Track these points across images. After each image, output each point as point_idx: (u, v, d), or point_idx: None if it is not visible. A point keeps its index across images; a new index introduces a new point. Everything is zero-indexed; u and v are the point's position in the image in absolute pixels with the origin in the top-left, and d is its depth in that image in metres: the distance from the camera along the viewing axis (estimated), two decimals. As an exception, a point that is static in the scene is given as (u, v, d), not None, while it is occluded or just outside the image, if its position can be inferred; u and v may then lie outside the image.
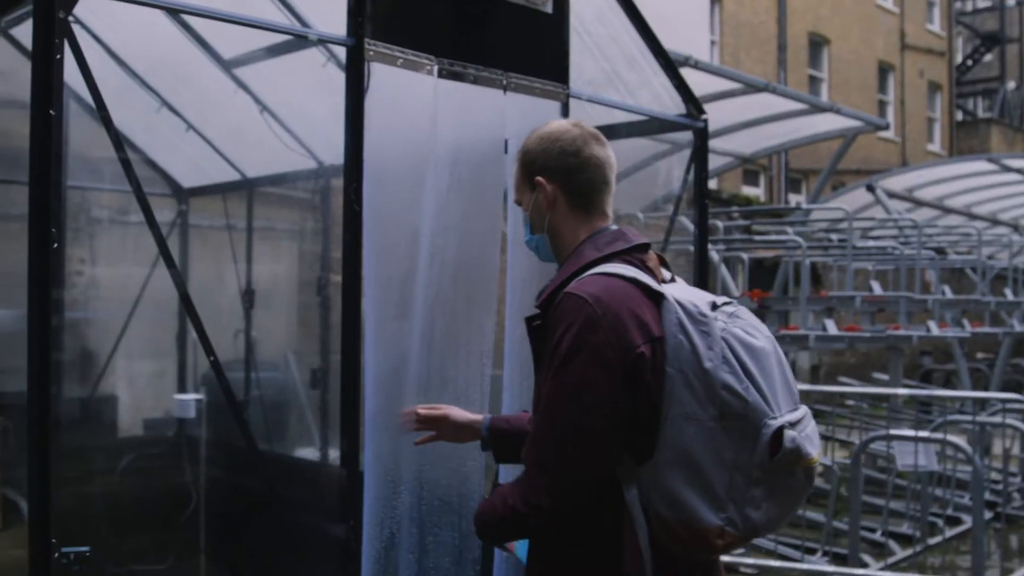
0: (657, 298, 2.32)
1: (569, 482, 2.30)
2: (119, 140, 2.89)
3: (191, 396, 6.22)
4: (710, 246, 7.07)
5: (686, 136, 4.65)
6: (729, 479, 2.25)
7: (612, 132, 4.54)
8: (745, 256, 12.52)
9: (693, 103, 4.47)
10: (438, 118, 3.10)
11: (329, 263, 6.10)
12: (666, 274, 2.46)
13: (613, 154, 2.58)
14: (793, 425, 2.26)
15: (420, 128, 3.05)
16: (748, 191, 21.42)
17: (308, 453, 6.80)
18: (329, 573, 3.13)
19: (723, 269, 11.38)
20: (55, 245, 2.56)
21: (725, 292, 11.29)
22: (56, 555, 2.59)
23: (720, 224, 12.32)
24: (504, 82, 3.34)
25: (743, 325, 2.34)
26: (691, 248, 10.10)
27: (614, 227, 2.53)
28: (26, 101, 2.67)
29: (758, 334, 2.34)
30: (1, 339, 7.88)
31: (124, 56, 5.16)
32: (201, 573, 6.27)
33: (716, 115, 4.69)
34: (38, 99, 2.55)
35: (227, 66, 5.08)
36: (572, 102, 3.64)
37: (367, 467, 2.94)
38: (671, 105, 4.49)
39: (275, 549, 4.02)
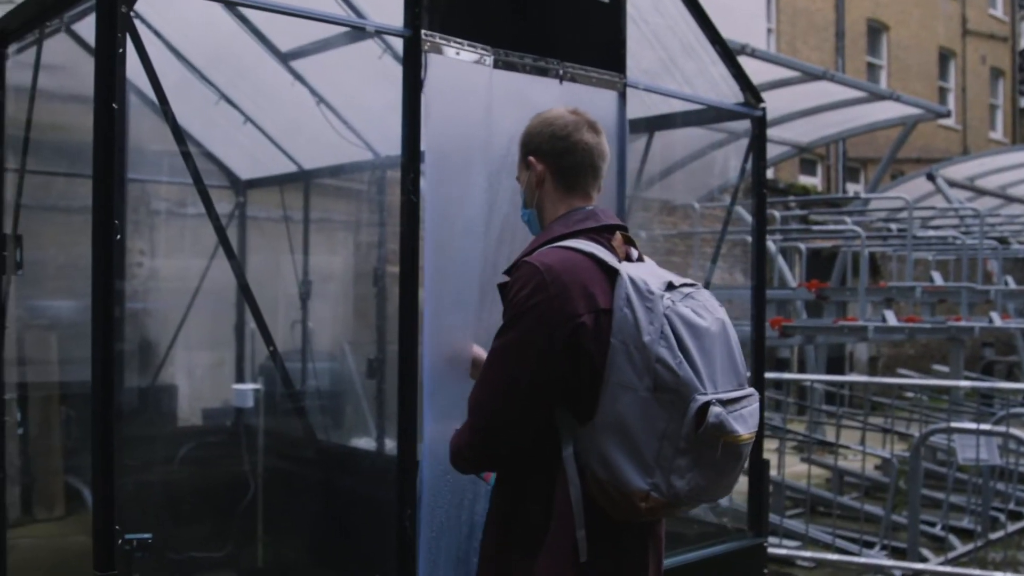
0: (612, 274, 2.51)
1: (491, 430, 2.56)
2: (181, 134, 2.92)
3: (249, 386, 6.28)
4: (767, 236, 6.99)
5: (743, 125, 4.60)
6: (658, 447, 2.41)
7: (668, 122, 4.52)
8: (802, 246, 12.40)
9: (751, 91, 4.42)
10: (493, 108, 3.10)
11: (385, 254, 6.12)
12: (633, 253, 2.66)
13: (606, 143, 2.79)
14: (725, 403, 2.41)
15: (476, 119, 3.05)
16: (805, 180, 21.19)
17: (364, 443, 6.84)
18: (385, 561, 3.14)
19: (780, 259, 11.27)
20: (118, 237, 2.59)
21: (782, 283, 11.20)
22: (120, 541, 2.62)
23: (777, 214, 12.21)
24: (560, 72, 3.33)
25: (693, 305, 2.48)
26: (747, 238, 10.04)
27: (590, 208, 2.72)
28: (88, 96, 2.71)
29: (707, 315, 2.49)
30: (63, 330, 8.02)
31: (183, 50, 5.22)
32: (259, 561, 6.34)
33: (773, 104, 4.62)
34: (101, 93, 2.58)
35: (284, 59, 5.11)
36: (629, 91, 3.61)
37: (424, 457, 2.95)
38: (729, 94, 4.44)
39: (332, 537, 4.05)
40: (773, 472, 7.13)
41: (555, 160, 2.72)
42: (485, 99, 3.07)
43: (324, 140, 5.57)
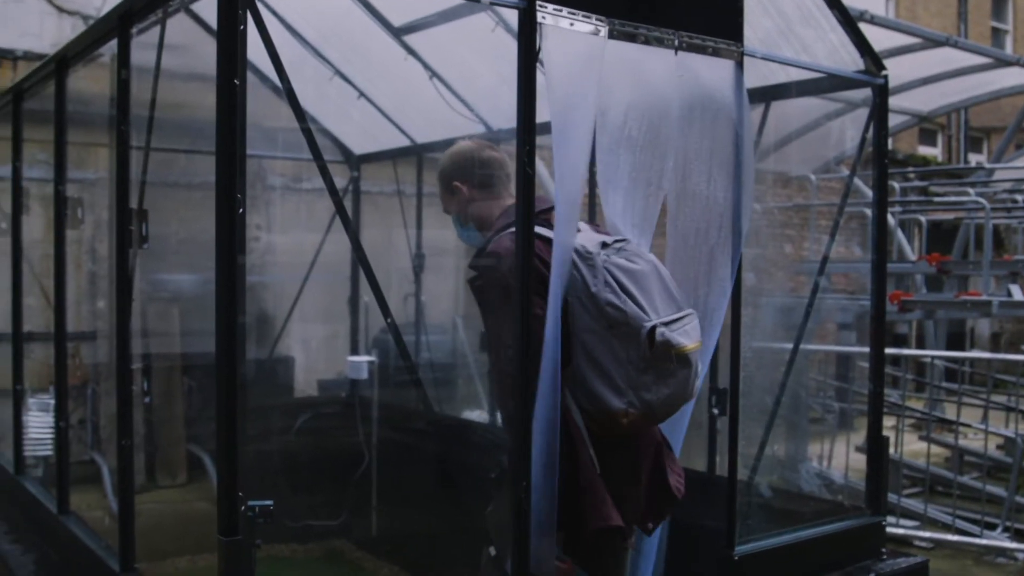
0: None
1: (504, 379, 3.06)
2: (300, 110, 2.95)
3: (364, 358, 6.37)
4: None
5: (861, 94, 4.46)
6: (625, 372, 2.98)
7: (785, 91, 4.41)
8: (923, 219, 12.05)
9: (872, 58, 4.29)
10: (609, 80, 3.06)
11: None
12: None
13: (505, 156, 3.38)
14: (668, 324, 3.00)
15: (591, 90, 3.02)
16: (925, 151, 20.57)
17: (476, 415, 6.89)
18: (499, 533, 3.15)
19: (899, 233, 10.98)
20: (240, 211, 2.63)
21: (901, 256, 10.91)
22: (243, 508, 2.68)
23: (896, 185, 11.88)
24: (676, 42, 3.27)
25: (626, 255, 3.07)
26: (865, 211, 9.79)
27: None
28: (207, 74, 2.75)
29: (639, 260, 3.08)
30: (185, 303, 8.25)
31: (298, 27, 5.29)
32: (373, 530, 6.45)
33: (892, 71, 4.47)
34: (223, 70, 2.62)
35: (397, 33, 5.14)
36: (746, 60, 3.53)
37: (536, 431, 2.94)
38: (848, 61, 4.31)
39: (444, 508, 4.08)
40: (891, 450, 6.98)
41: (474, 177, 3.35)
42: (600, 71, 3.03)
43: (437, 114, 5.60)
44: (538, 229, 3.03)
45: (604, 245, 3.07)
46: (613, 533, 3.05)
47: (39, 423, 5.45)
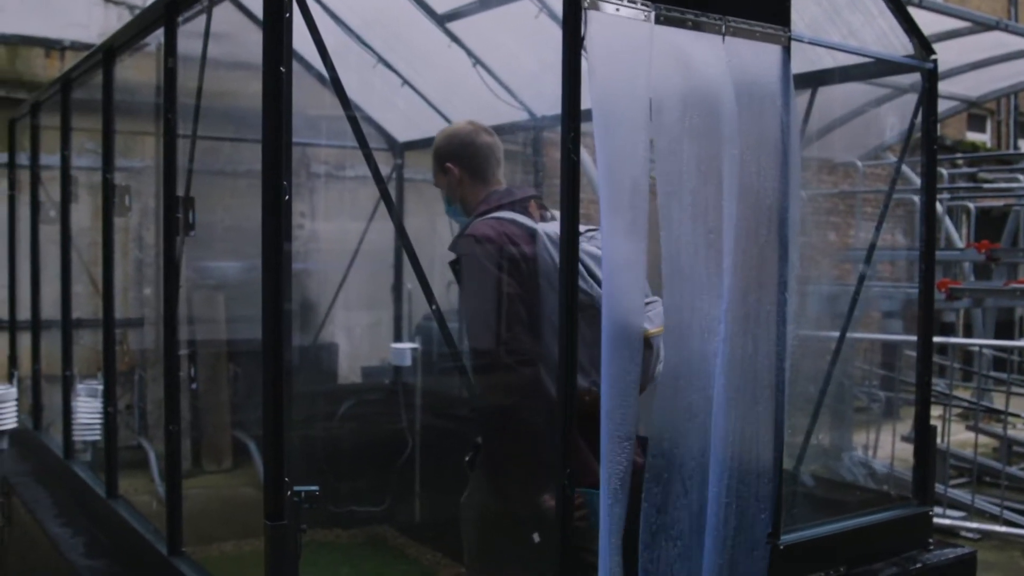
0: (532, 232, 3.26)
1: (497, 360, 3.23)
2: (346, 98, 2.95)
3: (407, 345, 6.40)
4: (934, 195, 6.71)
5: (909, 79, 4.40)
6: (590, 353, 2.98)
7: (831, 76, 4.36)
8: (971, 205, 11.90)
9: (921, 43, 4.22)
10: (655, 66, 3.04)
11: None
12: (546, 215, 3.40)
13: (499, 141, 3.56)
14: None
15: (638, 77, 2.99)
16: (974, 137, 20.28)
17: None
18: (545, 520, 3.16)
19: (947, 220, 10.85)
20: (286, 198, 2.64)
21: (948, 244, 10.77)
22: (289, 493, 2.70)
23: (944, 172, 11.73)
24: (723, 27, 3.24)
25: (596, 243, 3.16)
26: (911, 198, 9.68)
27: (504, 188, 3.45)
28: (251, 63, 2.76)
29: None
30: (230, 290, 8.32)
31: (341, 14, 5.30)
32: (416, 516, 6.48)
33: (940, 56, 4.40)
34: (270, 57, 2.63)
35: (440, 20, 5.14)
36: (793, 45, 3.49)
37: (603, 423, 2.91)
38: (897, 46, 4.26)
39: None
40: (938, 440, 6.90)
41: (467, 161, 3.45)
42: (647, 57, 3.01)
43: (480, 101, 5.59)
44: (514, 216, 3.28)
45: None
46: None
47: (87, 408, 5.51)
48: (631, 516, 2.96)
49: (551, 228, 3.24)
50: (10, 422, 5.91)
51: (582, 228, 3.12)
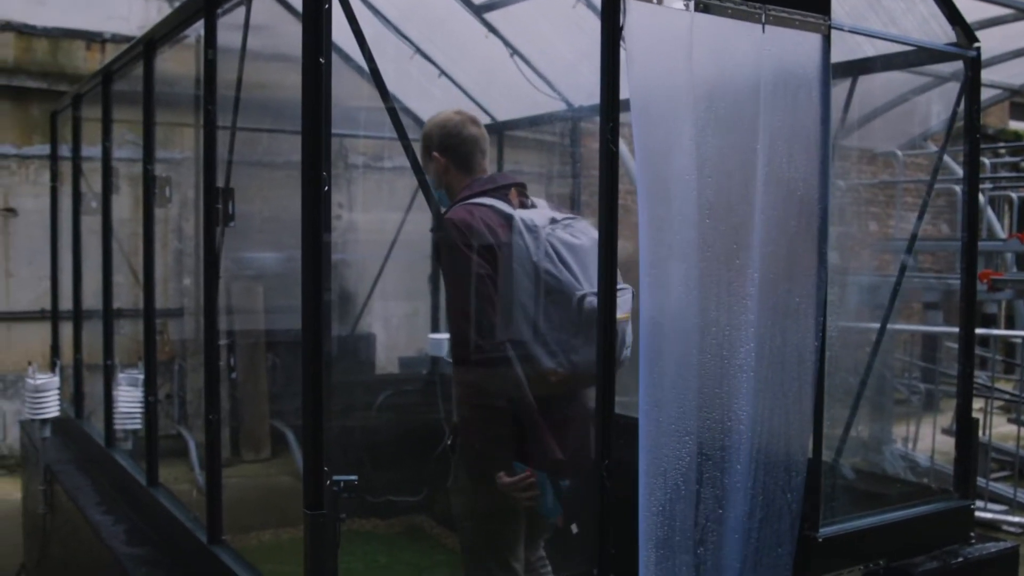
0: (508, 217, 3.39)
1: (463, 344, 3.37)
2: (385, 89, 2.96)
3: (444, 335, 6.40)
4: (976, 185, 6.62)
5: (951, 67, 4.34)
6: (557, 335, 3.27)
7: (870, 65, 4.32)
8: (1014, 195, 11.73)
9: (964, 30, 4.17)
10: (695, 56, 3.02)
11: (579, 206, 6.11)
12: (527, 202, 3.57)
13: (485, 131, 3.70)
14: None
15: (678, 66, 2.98)
16: (1017, 126, 20.00)
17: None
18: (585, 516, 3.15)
19: (989, 210, 10.71)
20: (326, 189, 2.65)
21: (991, 234, 10.64)
22: (328, 482, 2.71)
23: (987, 161, 11.58)
24: (762, 16, 3.21)
25: (571, 231, 3.42)
26: (952, 187, 9.56)
27: (487, 175, 3.61)
28: (288, 54, 2.77)
29: (582, 236, 3.42)
30: (268, 281, 8.37)
31: (378, 5, 5.31)
32: (452, 507, 6.49)
33: (983, 44, 4.34)
34: (309, 48, 2.64)
35: (478, 11, 5.14)
36: (833, 33, 3.46)
37: (642, 413, 2.91)
38: (939, 33, 4.20)
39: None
40: (979, 433, 6.83)
41: (453, 150, 3.58)
42: (687, 46, 2.99)
43: (517, 91, 5.59)
44: (491, 201, 3.44)
45: (553, 221, 3.43)
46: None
47: (128, 397, 5.56)
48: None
49: (528, 214, 3.42)
50: (53, 410, 5.97)
51: (559, 216, 3.46)
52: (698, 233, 2.99)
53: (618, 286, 3.14)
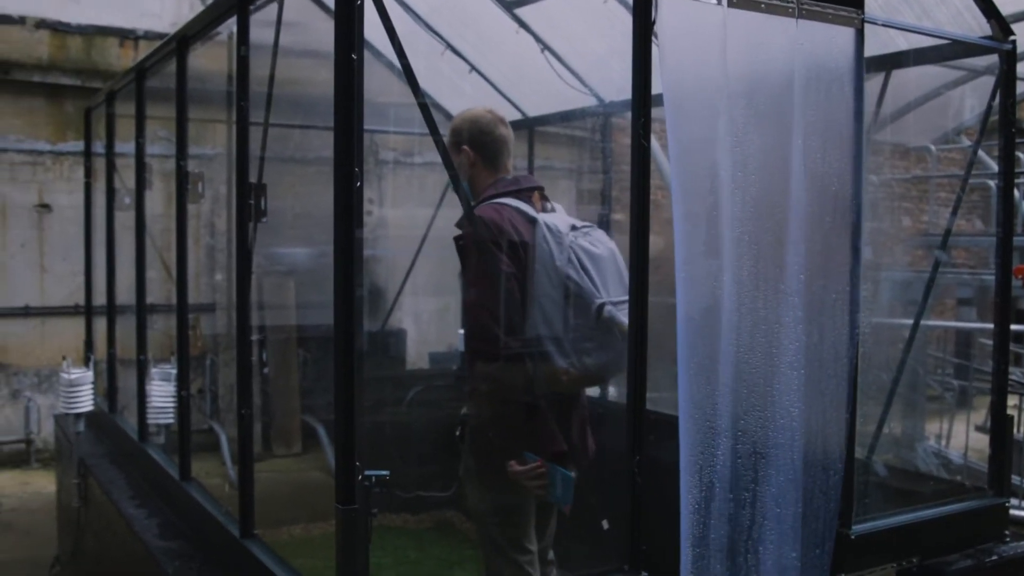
0: (532, 220, 3.51)
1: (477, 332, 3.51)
2: (417, 86, 2.96)
3: (472, 331, 6.40)
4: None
5: (985, 61, 4.30)
6: (572, 337, 3.42)
7: (904, 59, 4.28)
8: (1049, 190, 11.60)
9: (999, 23, 4.12)
10: (728, 49, 3.00)
11: (609, 201, 6.10)
12: (548, 206, 3.66)
13: (512, 132, 3.79)
14: (616, 304, 3.43)
15: (711, 60, 2.96)
16: (1051, 120, 19.78)
17: (591, 390, 6.86)
18: (617, 510, 3.15)
19: (1024, 205, 10.59)
20: (358, 185, 2.66)
21: (1025, 230, 10.52)
22: (360, 477, 2.71)
23: (1022, 156, 11.45)
24: (796, 9, 3.19)
25: (591, 240, 3.55)
26: (988, 182, 9.46)
27: (511, 176, 3.69)
28: (319, 50, 2.77)
29: (600, 245, 3.55)
30: (300, 276, 8.41)
31: (409, 0, 5.32)
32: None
33: (1019, 37, 4.30)
34: (342, 44, 2.64)
35: (508, 6, 5.13)
36: (866, 27, 3.43)
37: (681, 411, 2.89)
38: (974, 26, 4.16)
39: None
40: (1014, 430, 6.76)
41: (482, 148, 3.67)
42: (720, 40, 2.97)
43: (548, 87, 5.58)
44: (515, 203, 3.54)
45: (573, 228, 3.56)
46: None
47: (161, 392, 5.60)
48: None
49: (551, 218, 3.55)
50: (86, 405, 6.03)
51: (577, 223, 3.59)
52: (735, 229, 2.97)
53: (625, 296, 3.32)
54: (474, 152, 3.69)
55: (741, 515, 3.07)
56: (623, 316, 3.36)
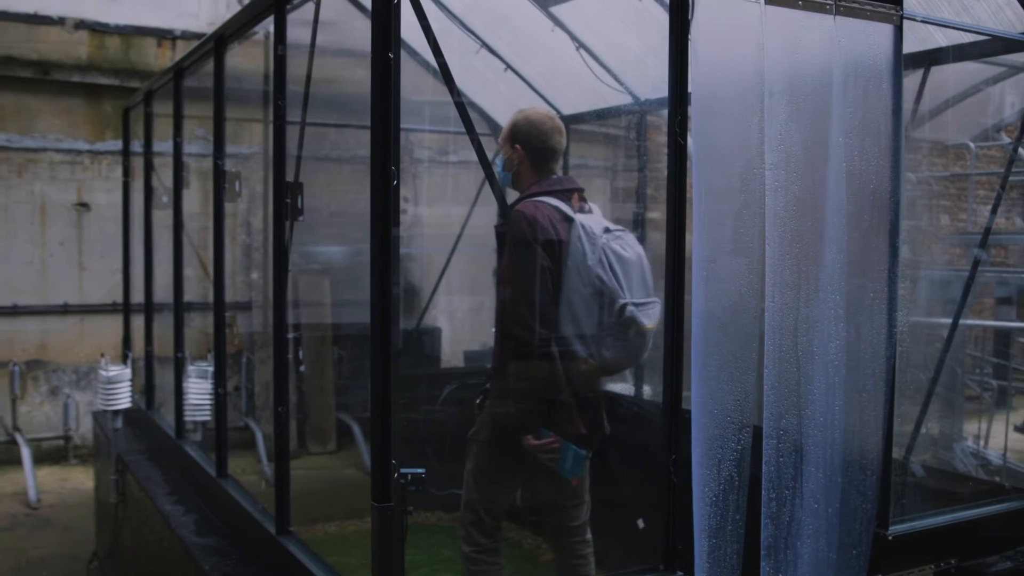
0: (569, 219, 3.71)
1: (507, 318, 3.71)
2: (454, 85, 2.96)
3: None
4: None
5: (1025, 57, 4.26)
6: (595, 330, 3.66)
7: (942, 55, 4.24)
8: (1090, 189, 11.45)
9: (1040, 20, 4.08)
10: (766, 47, 2.98)
11: (644, 199, 6.08)
12: (585, 207, 3.84)
13: (565, 140, 4.00)
14: (638, 305, 3.66)
15: (747, 58, 2.94)
16: (1092, 117, 19.52)
17: (621, 388, 6.85)
18: (649, 507, 3.14)
19: (1064, 204, 10.47)
20: (395, 183, 2.66)
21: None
22: (396, 475, 2.72)
23: (1062, 154, 11.31)
24: (834, 6, 3.17)
25: (621, 243, 3.74)
26: (1028, 180, 9.35)
27: (556, 176, 3.88)
28: (355, 50, 2.78)
29: (629, 249, 3.75)
30: (335, 274, 8.44)
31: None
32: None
33: (1060, 33, 4.25)
34: (378, 43, 2.65)
35: (544, 4, 5.12)
36: (905, 23, 3.40)
37: (695, 405, 2.89)
38: (1014, 22, 4.11)
39: (594, 480, 4.08)
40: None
41: (533, 151, 3.85)
42: (757, 38, 2.95)
43: (583, 85, 5.57)
44: (555, 201, 3.72)
45: (607, 230, 3.75)
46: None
47: (198, 389, 5.63)
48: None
49: (587, 219, 3.75)
50: (124, 402, 6.07)
51: (611, 226, 3.77)
52: (768, 226, 2.95)
53: (650, 299, 3.73)
54: (524, 152, 3.87)
55: (782, 512, 3.05)
56: (643, 317, 3.68)
